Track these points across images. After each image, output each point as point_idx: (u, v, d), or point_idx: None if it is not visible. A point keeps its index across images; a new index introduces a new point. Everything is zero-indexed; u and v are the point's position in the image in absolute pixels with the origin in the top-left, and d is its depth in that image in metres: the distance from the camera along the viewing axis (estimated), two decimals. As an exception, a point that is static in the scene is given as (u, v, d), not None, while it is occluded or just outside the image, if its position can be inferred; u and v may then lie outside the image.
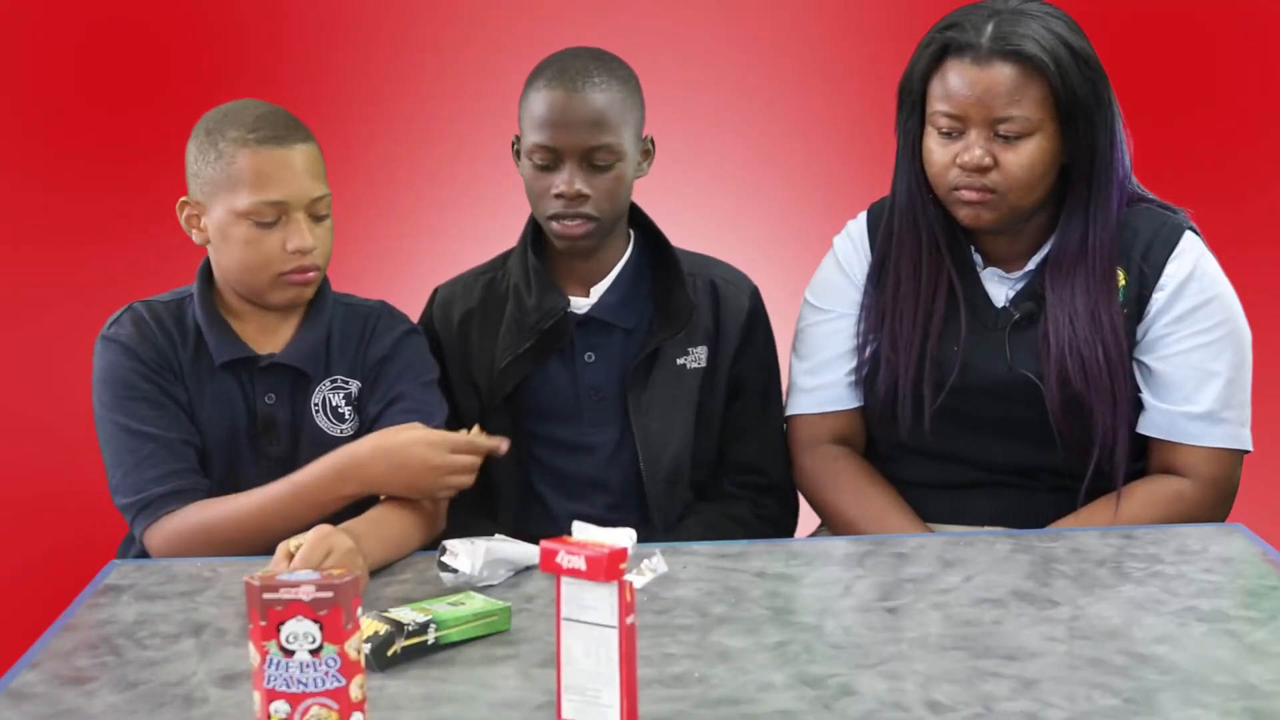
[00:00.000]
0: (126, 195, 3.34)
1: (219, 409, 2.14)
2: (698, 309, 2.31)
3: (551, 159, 2.21)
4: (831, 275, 2.35)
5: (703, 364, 2.33)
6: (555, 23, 3.35)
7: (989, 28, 2.13)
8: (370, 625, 1.64)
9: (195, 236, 2.14)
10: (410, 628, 1.65)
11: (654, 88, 2.37)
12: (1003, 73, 2.12)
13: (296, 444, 2.15)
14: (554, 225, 2.24)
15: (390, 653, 1.63)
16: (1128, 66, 2.28)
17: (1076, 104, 2.13)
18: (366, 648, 1.57)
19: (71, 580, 2.11)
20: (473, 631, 1.70)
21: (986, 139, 2.13)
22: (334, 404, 2.17)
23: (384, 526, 1.98)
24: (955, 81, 2.14)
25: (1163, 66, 3.29)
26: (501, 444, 2.07)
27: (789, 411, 2.37)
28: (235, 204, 2.07)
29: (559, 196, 2.21)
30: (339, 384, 2.17)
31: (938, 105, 2.16)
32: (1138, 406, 2.21)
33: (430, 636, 1.66)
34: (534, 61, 2.32)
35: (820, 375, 2.33)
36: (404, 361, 2.21)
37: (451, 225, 3.34)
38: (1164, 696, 1.52)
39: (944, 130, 2.16)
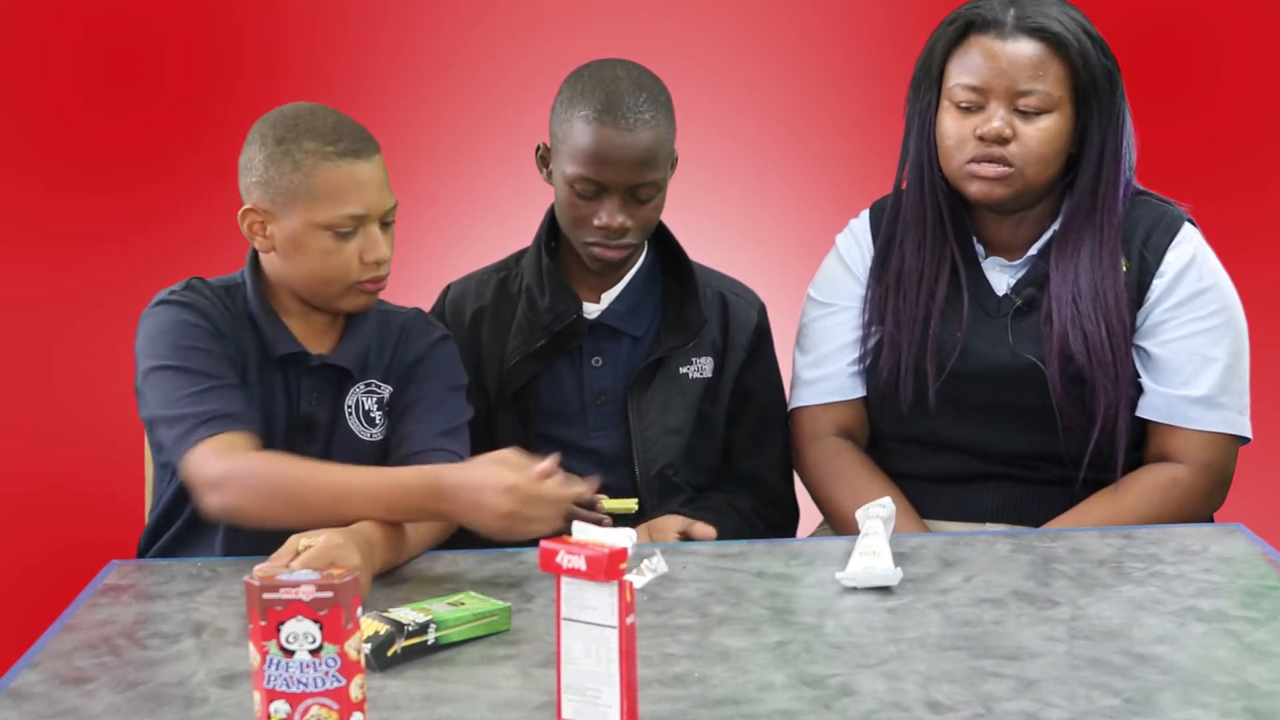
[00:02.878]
0: (126, 195, 3.34)
1: (266, 400, 2.11)
2: (708, 322, 2.32)
3: (594, 191, 2.20)
4: (834, 271, 2.37)
5: (707, 375, 2.33)
6: (560, 21, 3.36)
7: (1011, 10, 2.19)
8: (370, 625, 1.64)
9: (259, 244, 2.10)
10: (410, 628, 1.65)
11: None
12: (1027, 47, 2.17)
13: (329, 446, 2.13)
14: (592, 250, 2.24)
15: (390, 653, 1.63)
16: (1128, 65, 2.28)
17: (1094, 86, 2.18)
18: (366, 648, 1.57)
19: (71, 580, 2.11)
20: (473, 631, 1.70)
21: (1007, 111, 2.17)
22: (366, 408, 2.15)
23: (397, 529, 1.96)
24: (979, 55, 2.18)
25: (1163, 65, 3.30)
26: (591, 487, 1.97)
27: (792, 405, 2.38)
28: (315, 216, 2.04)
29: (600, 228, 2.21)
30: (372, 388, 2.16)
31: (959, 79, 2.19)
32: (1137, 389, 2.22)
33: (430, 636, 1.66)
34: (543, 59, 2.31)
35: (822, 367, 2.34)
36: (435, 366, 2.19)
37: (458, 222, 3.35)
38: (1164, 696, 1.52)
39: (963, 105, 2.19)
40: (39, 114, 3.32)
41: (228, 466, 1.96)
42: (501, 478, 1.88)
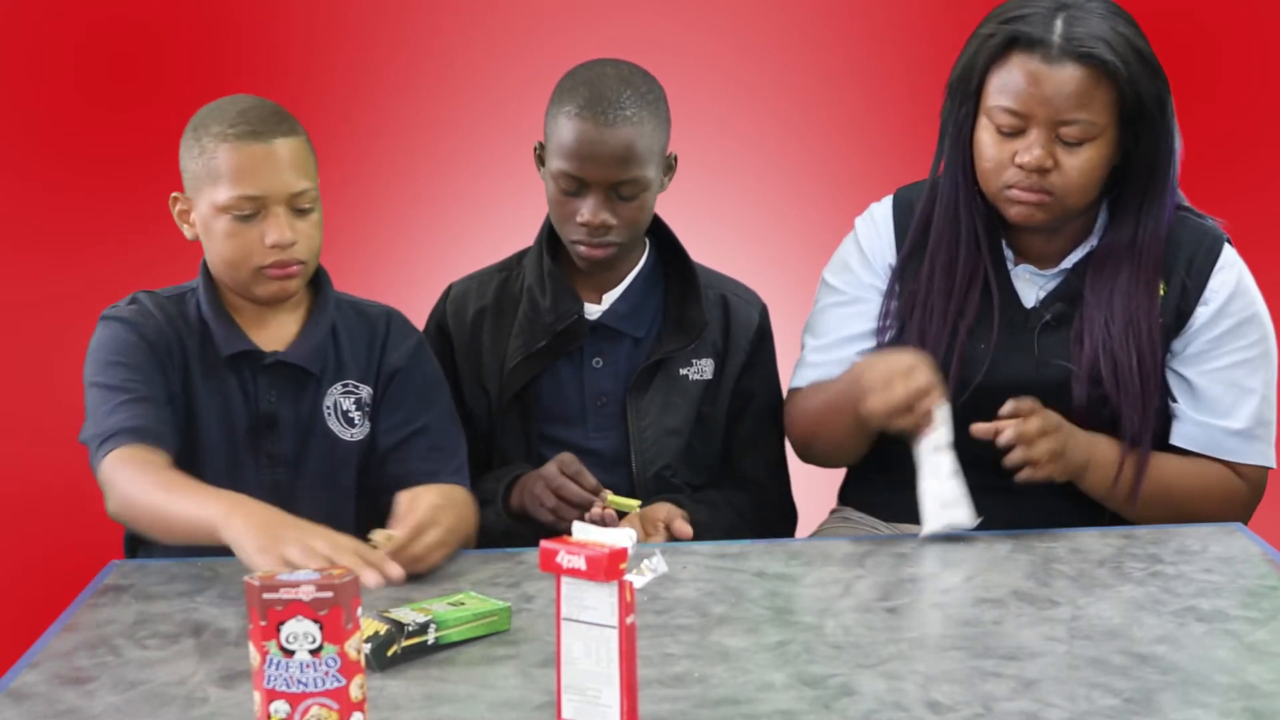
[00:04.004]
0: (126, 195, 3.34)
1: (218, 405, 2.13)
2: (710, 324, 2.32)
3: (577, 187, 2.20)
4: (851, 257, 2.32)
5: (707, 376, 2.33)
6: (560, 21, 3.36)
7: (1058, 24, 2.09)
8: (370, 625, 1.64)
9: (186, 231, 2.14)
10: (410, 628, 1.65)
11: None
12: (1074, 74, 2.08)
13: (304, 444, 2.14)
14: (578, 249, 2.24)
15: (390, 653, 1.63)
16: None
17: (1141, 110, 2.11)
18: (366, 648, 1.57)
19: (71, 580, 2.11)
20: (473, 631, 1.70)
21: (1048, 139, 2.10)
22: (344, 408, 2.15)
23: (461, 511, 2.02)
24: (1022, 77, 2.10)
25: (1164, 66, 3.29)
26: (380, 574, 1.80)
27: (793, 384, 2.34)
28: (215, 198, 2.07)
29: (583, 225, 2.21)
30: (350, 388, 2.16)
31: (999, 100, 2.12)
32: (1162, 416, 2.20)
33: (430, 636, 1.66)
34: (543, 59, 2.31)
35: (830, 353, 2.29)
36: (422, 381, 2.19)
37: (459, 222, 3.35)
38: (1164, 696, 1.52)
39: (1003, 127, 2.12)
40: (39, 114, 3.32)
41: (112, 477, 1.99)
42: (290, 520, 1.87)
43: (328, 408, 2.15)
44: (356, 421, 2.16)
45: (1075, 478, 2.15)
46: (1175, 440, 2.20)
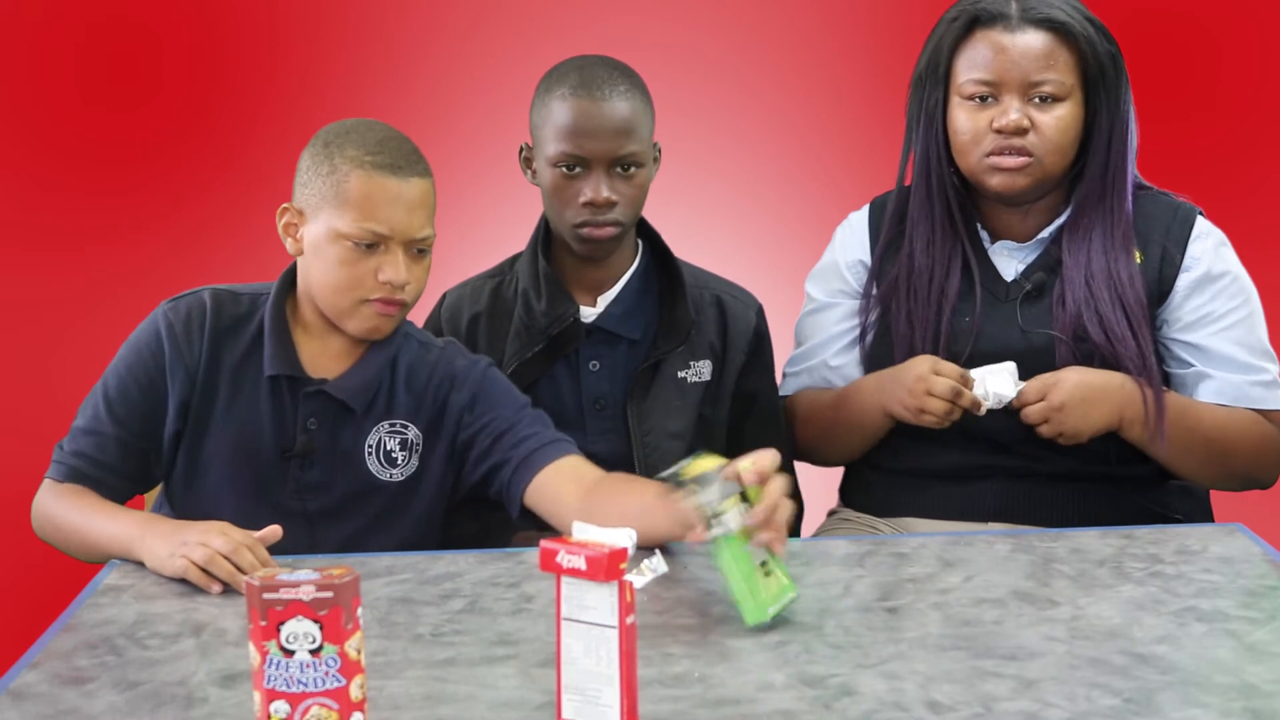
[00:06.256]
0: (126, 195, 3.34)
1: (251, 418, 2.08)
2: (698, 323, 2.32)
3: (576, 165, 2.22)
4: (825, 266, 2.40)
5: (705, 378, 2.33)
6: (559, 21, 3.36)
7: (1014, 1, 2.21)
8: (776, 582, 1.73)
9: (289, 245, 2.08)
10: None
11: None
12: (1036, 38, 2.19)
13: (336, 476, 2.09)
14: (581, 231, 2.24)
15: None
16: (1129, 67, 2.29)
17: (1101, 72, 2.21)
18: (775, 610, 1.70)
19: (71, 580, 2.11)
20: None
21: (1022, 102, 2.19)
22: (388, 448, 2.10)
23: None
24: (989, 50, 2.20)
25: (1163, 66, 3.29)
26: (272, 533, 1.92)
27: (781, 392, 2.42)
28: (337, 223, 2.01)
29: (587, 204, 2.22)
30: (397, 428, 2.10)
31: (969, 74, 2.21)
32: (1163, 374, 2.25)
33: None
34: (542, 60, 2.32)
35: (807, 360, 2.39)
36: (502, 390, 2.14)
37: (457, 223, 3.34)
38: (1164, 696, 1.52)
39: (977, 96, 2.21)
40: (39, 114, 3.32)
41: (43, 500, 2.12)
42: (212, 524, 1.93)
43: (370, 446, 2.10)
44: (398, 462, 2.11)
45: (1118, 427, 2.19)
46: (1203, 397, 2.24)
